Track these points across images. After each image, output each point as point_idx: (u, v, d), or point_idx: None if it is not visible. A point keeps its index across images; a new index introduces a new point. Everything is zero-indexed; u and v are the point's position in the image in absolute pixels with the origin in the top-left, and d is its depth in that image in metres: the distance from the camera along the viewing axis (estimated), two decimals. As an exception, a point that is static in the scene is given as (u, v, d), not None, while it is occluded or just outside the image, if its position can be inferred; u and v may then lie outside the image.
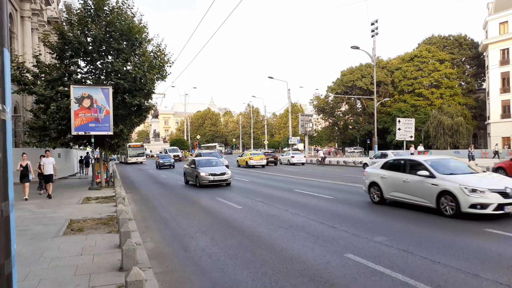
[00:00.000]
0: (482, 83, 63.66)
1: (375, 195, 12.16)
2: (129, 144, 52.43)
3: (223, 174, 19.02)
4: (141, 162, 53.87)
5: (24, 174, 15.17)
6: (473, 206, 8.94)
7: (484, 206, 8.86)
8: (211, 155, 30.47)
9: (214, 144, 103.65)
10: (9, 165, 0.93)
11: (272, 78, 50.85)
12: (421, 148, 35.43)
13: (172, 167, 39.91)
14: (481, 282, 5.29)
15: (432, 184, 9.87)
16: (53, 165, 16.25)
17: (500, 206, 8.83)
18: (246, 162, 37.59)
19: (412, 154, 34.83)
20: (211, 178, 18.64)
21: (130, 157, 53.55)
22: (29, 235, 8.58)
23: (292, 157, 40.36)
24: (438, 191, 9.68)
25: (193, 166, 19.98)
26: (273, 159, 41.26)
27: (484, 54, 56.79)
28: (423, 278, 5.47)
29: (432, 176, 10.01)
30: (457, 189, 9.19)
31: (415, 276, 5.54)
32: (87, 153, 29.58)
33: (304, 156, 43.97)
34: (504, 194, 8.92)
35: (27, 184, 15.12)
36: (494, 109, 52.17)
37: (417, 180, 10.38)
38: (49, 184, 15.89)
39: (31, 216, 11.17)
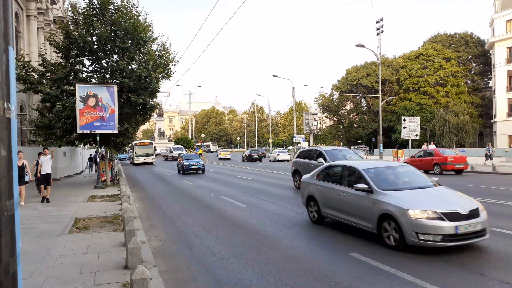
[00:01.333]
0: (489, 81, 63.22)
1: None
2: (136, 142, 47.08)
3: (475, 214, 6.68)
4: (151, 163, 47.91)
5: (19, 175, 12.33)
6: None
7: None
8: (340, 153, 16.08)
9: (207, 143, 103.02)
10: (13, 164, 0.94)
11: (276, 76, 50.77)
12: (432, 146, 35.42)
13: (201, 171, 28.90)
14: (487, 282, 5.26)
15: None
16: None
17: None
18: (219, 156, 57.85)
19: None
20: (449, 226, 6.37)
21: (137, 156, 47.55)
22: (35, 233, 8.64)
23: (278, 155, 49.97)
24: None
25: (366, 189, 7.60)
26: (257, 156, 50.45)
27: (491, 52, 56.34)
28: (428, 277, 5.44)
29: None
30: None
31: (421, 276, 5.51)
32: (96, 151, 27.77)
33: (288, 154, 51.44)
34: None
35: (22, 186, 13.13)
36: (500, 107, 51.76)
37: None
38: (43, 186, 14.05)
39: (37, 214, 11.24)
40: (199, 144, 75.87)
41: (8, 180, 0.92)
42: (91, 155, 32.37)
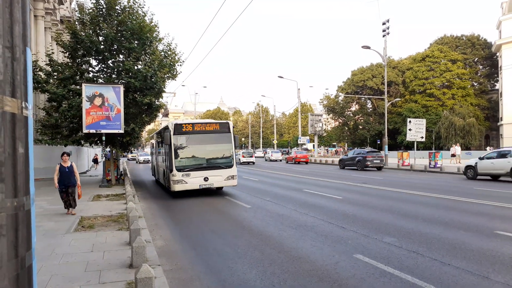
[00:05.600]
0: (495, 83, 62.78)
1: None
2: (176, 122, 15.59)
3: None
4: (219, 189, 17.38)
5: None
6: None
7: None
8: None
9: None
10: (30, 161, 0.97)
11: (282, 77, 50.76)
12: (458, 147, 36.17)
13: None
14: (491, 285, 5.24)
15: None
16: None
17: None
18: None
19: (453, 155, 35.14)
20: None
21: (182, 168, 14.82)
22: (41, 231, 8.71)
23: (243, 156, 65.83)
24: None
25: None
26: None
27: (498, 54, 55.94)
28: (433, 279, 5.44)
29: None
30: None
31: (425, 278, 5.51)
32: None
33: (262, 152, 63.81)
34: None
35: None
36: (507, 110, 51.37)
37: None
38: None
39: (43, 213, 11.32)
40: None
41: (25, 177, 0.96)
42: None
